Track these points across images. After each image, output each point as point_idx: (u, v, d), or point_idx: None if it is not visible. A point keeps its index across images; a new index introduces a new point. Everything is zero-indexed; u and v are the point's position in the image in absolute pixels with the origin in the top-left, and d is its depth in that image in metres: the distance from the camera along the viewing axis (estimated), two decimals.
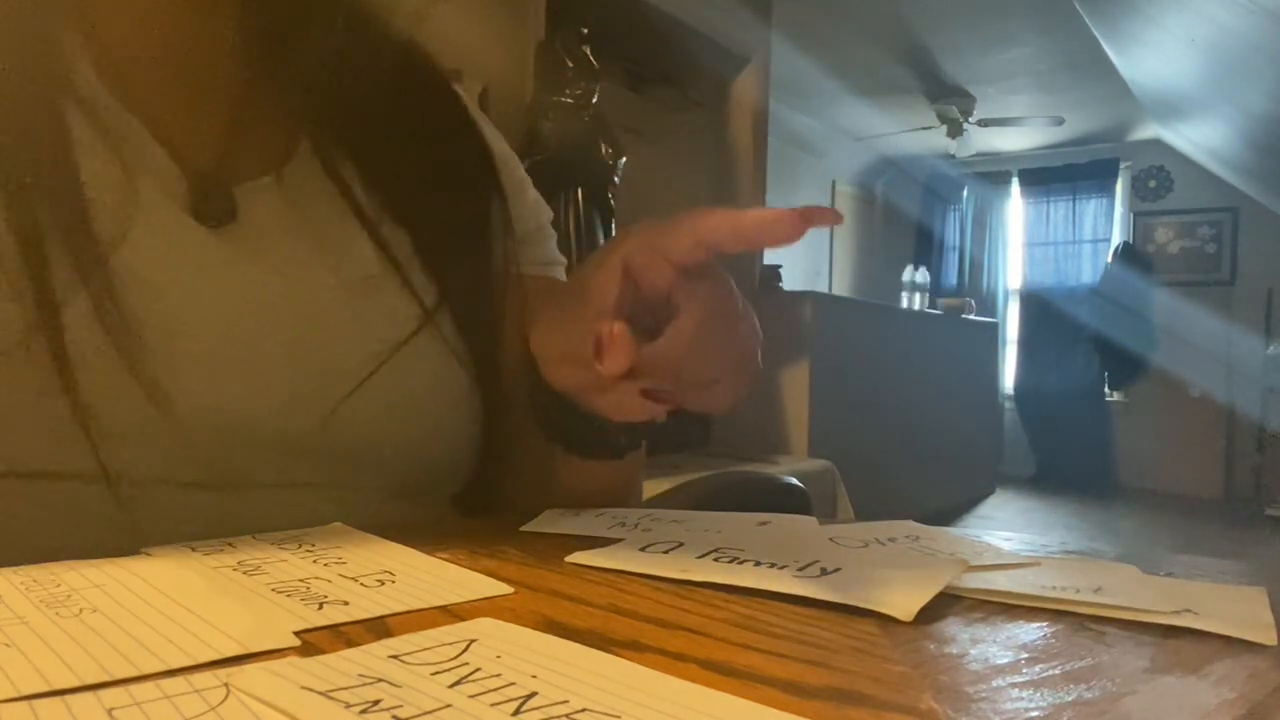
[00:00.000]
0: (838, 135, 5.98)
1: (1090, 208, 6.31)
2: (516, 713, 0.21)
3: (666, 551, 0.39)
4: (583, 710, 0.22)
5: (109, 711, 0.21)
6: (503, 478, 0.58)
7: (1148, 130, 5.79)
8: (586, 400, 0.44)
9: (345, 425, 0.48)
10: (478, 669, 0.24)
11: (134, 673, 0.24)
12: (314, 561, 0.36)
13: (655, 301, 0.40)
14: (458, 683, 0.23)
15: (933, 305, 5.13)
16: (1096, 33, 3.96)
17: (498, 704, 0.22)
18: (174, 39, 0.51)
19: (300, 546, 0.39)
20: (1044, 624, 0.31)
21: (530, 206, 0.62)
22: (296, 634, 0.27)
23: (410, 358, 0.50)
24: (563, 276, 0.63)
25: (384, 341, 0.50)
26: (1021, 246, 6.64)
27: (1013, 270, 6.73)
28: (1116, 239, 6.21)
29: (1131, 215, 6.21)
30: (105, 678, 0.23)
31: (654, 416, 0.43)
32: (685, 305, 0.39)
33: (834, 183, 6.41)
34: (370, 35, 0.54)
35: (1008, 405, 6.41)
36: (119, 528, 0.43)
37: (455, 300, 0.54)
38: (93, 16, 0.48)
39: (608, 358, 0.38)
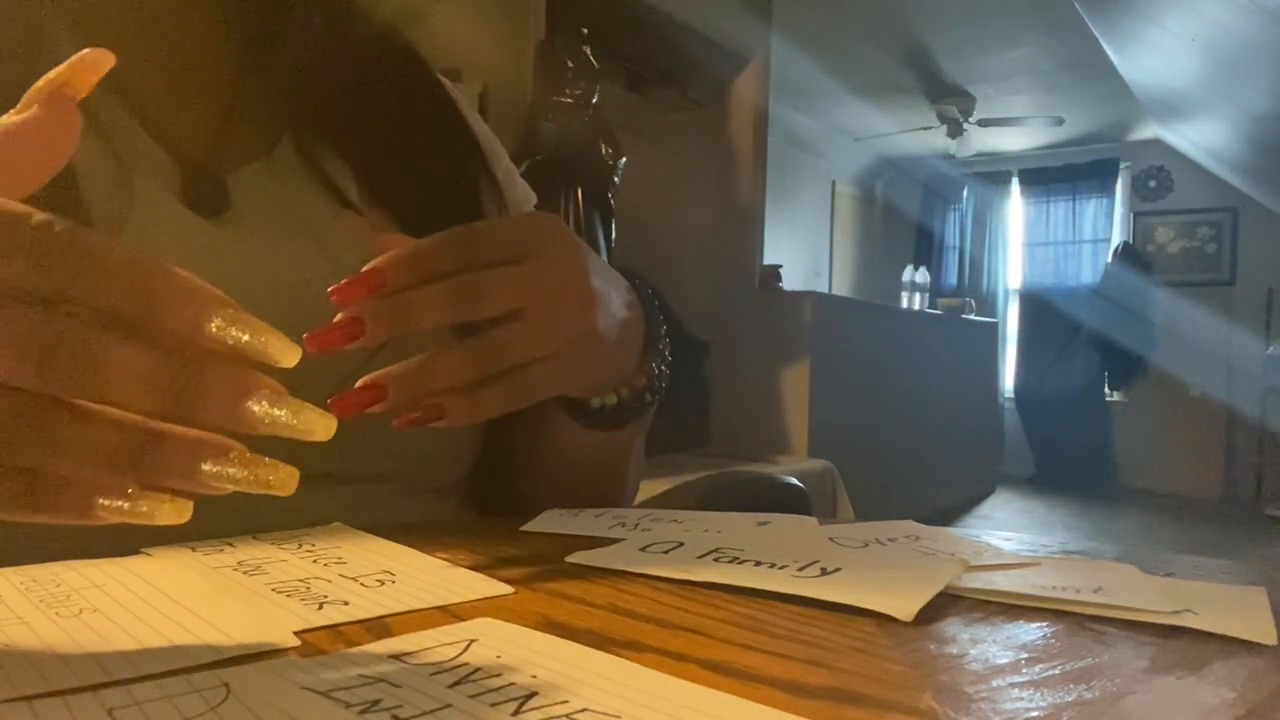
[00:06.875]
0: (838, 135, 5.98)
1: (1090, 208, 6.31)
2: (516, 713, 0.21)
3: (666, 551, 0.39)
4: (583, 710, 0.21)
5: (109, 711, 0.21)
6: (514, 466, 0.59)
7: (1148, 130, 5.79)
8: None
9: None
10: (478, 669, 0.24)
11: (134, 673, 0.24)
12: (314, 561, 0.36)
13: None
14: (458, 683, 0.23)
15: (933, 305, 5.13)
16: (1096, 33, 3.96)
17: (498, 704, 0.22)
18: (162, 29, 0.51)
19: (300, 546, 0.39)
20: (1044, 624, 0.31)
21: (521, 193, 0.64)
22: (296, 634, 0.27)
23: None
24: None
25: None
26: (1021, 246, 6.64)
27: (1012, 270, 6.73)
28: (1116, 239, 6.21)
29: (1131, 215, 6.21)
30: (105, 678, 0.23)
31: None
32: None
33: (834, 183, 6.41)
34: (354, 24, 0.54)
35: (1008, 405, 6.41)
36: (119, 528, 0.43)
37: None
38: (80, 10, 0.49)
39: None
